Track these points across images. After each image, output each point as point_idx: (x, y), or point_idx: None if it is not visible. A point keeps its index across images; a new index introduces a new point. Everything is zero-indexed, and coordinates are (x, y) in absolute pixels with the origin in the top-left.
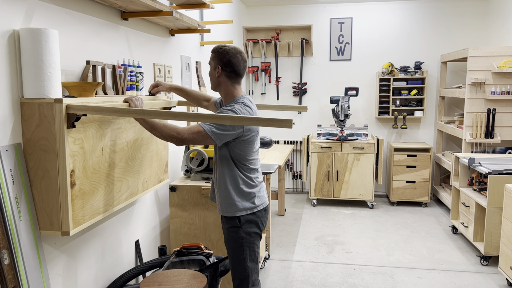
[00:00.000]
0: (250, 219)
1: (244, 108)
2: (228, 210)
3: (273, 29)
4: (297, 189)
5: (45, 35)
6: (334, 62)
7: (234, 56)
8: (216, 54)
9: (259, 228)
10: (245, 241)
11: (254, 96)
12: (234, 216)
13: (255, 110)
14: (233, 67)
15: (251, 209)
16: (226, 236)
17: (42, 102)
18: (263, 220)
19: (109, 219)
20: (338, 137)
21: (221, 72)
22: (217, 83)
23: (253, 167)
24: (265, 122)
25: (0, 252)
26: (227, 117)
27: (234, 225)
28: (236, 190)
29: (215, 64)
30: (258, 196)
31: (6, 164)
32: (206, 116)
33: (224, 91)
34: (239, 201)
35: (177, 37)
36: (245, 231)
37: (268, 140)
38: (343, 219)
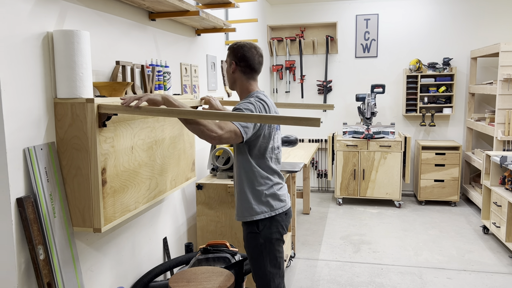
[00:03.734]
0: (270, 224)
1: (260, 101)
2: (245, 215)
3: (298, 27)
4: (322, 188)
5: (77, 37)
6: (359, 59)
7: (248, 51)
8: (230, 50)
9: (280, 233)
10: (264, 248)
11: (278, 94)
12: (252, 221)
13: (270, 105)
14: (248, 61)
15: (269, 212)
16: (245, 242)
17: (74, 102)
18: (284, 224)
19: (138, 216)
20: (364, 135)
21: (235, 68)
22: (233, 80)
23: (272, 166)
24: (293, 121)
25: (36, 248)
26: (255, 115)
27: (252, 230)
28: (253, 192)
29: (230, 60)
30: (278, 199)
31: (41, 163)
32: (234, 114)
33: (240, 88)
34: (256, 204)
35: (203, 37)
36: (265, 237)
37: (293, 139)
38: (370, 218)
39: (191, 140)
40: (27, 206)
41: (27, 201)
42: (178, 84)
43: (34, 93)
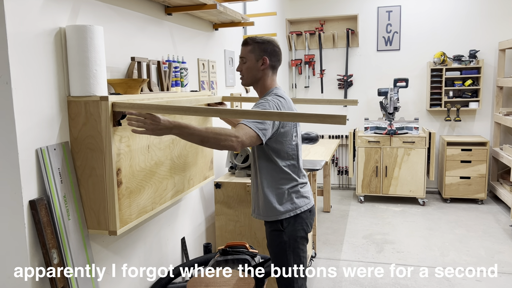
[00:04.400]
0: (294, 221)
1: (277, 97)
2: (269, 214)
3: (317, 20)
4: (343, 185)
5: (91, 32)
6: (381, 53)
7: (276, 46)
8: (257, 45)
9: (304, 231)
10: (288, 246)
11: (297, 89)
12: (276, 220)
13: (288, 101)
14: (278, 56)
15: (293, 210)
16: (268, 240)
17: (88, 100)
18: (308, 222)
19: (155, 217)
20: (387, 131)
21: (268, 63)
22: (259, 76)
23: (293, 164)
24: (317, 119)
25: (50, 252)
26: (276, 113)
27: (276, 228)
28: (276, 191)
29: (258, 55)
30: (302, 196)
31: (55, 163)
32: (253, 112)
33: (263, 84)
34: (279, 203)
35: (220, 31)
36: (289, 235)
37: (314, 136)
38: (393, 217)
39: None
40: (40, 209)
41: (40, 204)
42: (196, 80)
43: (47, 91)
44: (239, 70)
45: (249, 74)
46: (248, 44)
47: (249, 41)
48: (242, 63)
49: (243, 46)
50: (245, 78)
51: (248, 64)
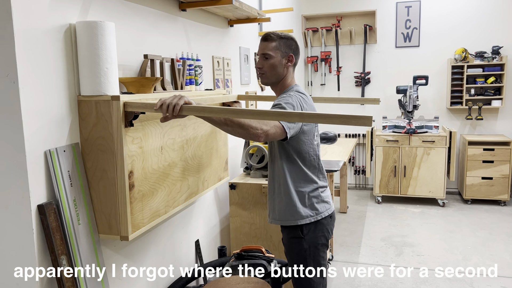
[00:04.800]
0: (315, 228)
1: (299, 94)
2: (289, 218)
3: (334, 16)
4: (360, 185)
5: (101, 28)
6: (400, 49)
7: (297, 42)
8: (282, 41)
9: (325, 238)
10: (308, 254)
11: (313, 87)
12: (295, 225)
13: (310, 99)
14: (299, 54)
15: (315, 216)
16: (287, 248)
17: (99, 100)
18: (329, 228)
19: (168, 220)
20: (406, 130)
21: (294, 61)
22: (282, 74)
23: (314, 165)
24: (340, 120)
25: (59, 258)
26: (296, 114)
27: (296, 235)
28: (299, 194)
29: (284, 51)
30: (322, 201)
31: (64, 166)
32: (272, 113)
33: (284, 82)
34: (301, 207)
35: (235, 28)
36: (309, 242)
37: (332, 135)
38: (412, 218)
39: (224, 138)
40: (49, 214)
41: (48, 208)
42: (210, 78)
43: (56, 91)
44: (260, 67)
45: (272, 72)
46: (272, 39)
47: (274, 36)
48: (264, 59)
49: (265, 41)
50: (268, 76)
51: (273, 61)
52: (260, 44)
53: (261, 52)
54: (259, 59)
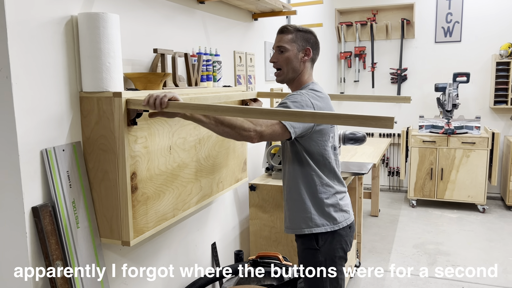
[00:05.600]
0: (332, 239)
1: (313, 92)
2: (302, 227)
3: (369, 10)
4: (394, 187)
5: (103, 20)
6: (440, 45)
7: (316, 37)
8: (299, 34)
9: (343, 251)
10: (324, 267)
11: (346, 84)
12: (310, 234)
13: (327, 98)
14: (318, 49)
15: (331, 225)
16: (300, 259)
17: (100, 96)
18: (348, 239)
19: (181, 222)
20: (444, 130)
21: (311, 55)
22: (299, 69)
23: (330, 169)
24: (357, 121)
25: (53, 264)
26: (308, 113)
27: (310, 246)
28: (314, 200)
29: (301, 45)
30: (341, 210)
31: (62, 166)
32: (280, 112)
33: (300, 79)
34: (315, 214)
35: (260, 22)
36: (326, 254)
37: (360, 135)
38: (448, 224)
39: None
40: (44, 216)
41: (43, 210)
42: (231, 74)
43: (55, 87)
44: (275, 61)
45: (288, 66)
46: (288, 32)
47: (290, 28)
48: (279, 52)
49: (280, 34)
50: (284, 72)
51: (288, 54)
52: (276, 37)
53: (276, 45)
54: (274, 52)
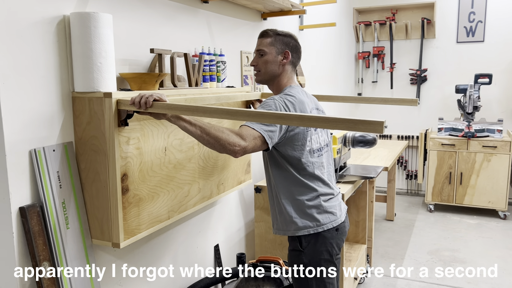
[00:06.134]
0: (315, 241)
1: (285, 98)
2: (286, 228)
3: (388, 9)
4: (411, 191)
5: (94, 20)
6: (462, 45)
7: (297, 41)
8: (279, 37)
9: (329, 253)
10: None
11: (364, 85)
12: (294, 236)
13: (303, 101)
14: (299, 53)
15: (314, 227)
16: (288, 260)
17: (92, 97)
18: (334, 242)
19: (183, 223)
20: (464, 133)
21: (290, 58)
22: (278, 72)
23: (313, 173)
24: (345, 125)
25: (40, 264)
26: (295, 116)
27: (295, 247)
28: (293, 203)
29: (280, 48)
30: (325, 212)
31: (52, 166)
32: (270, 115)
33: (280, 82)
34: (297, 217)
35: (270, 21)
36: (310, 257)
37: (370, 138)
38: (466, 231)
39: None
40: (31, 217)
41: (31, 211)
42: (237, 74)
43: (46, 87)
44: (254, 64)
45: (267, 69)
46: (267, 35)
47: (269, 32)
48: (259, 56)
49: (260, 38)
50: (262, 74)
51: (267, 57)
52: (257, 41)
53: (256, 49)
54: (255, 56)
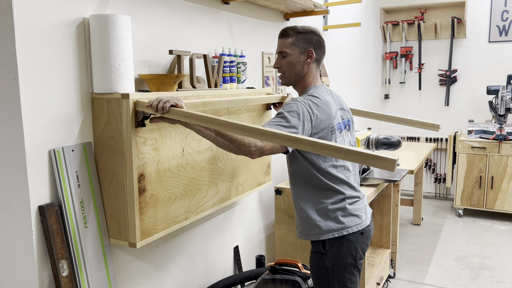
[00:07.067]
0: (339, 245)
1: (310, 99)
2: (309, 233)
3: (417, 8)
4: (440, 195)
5: (113, 22)
6: (494, 44)
7: (321, 36)
8: (300, 36)
9: (353, 257)
10: (331, 273)
11: (391, 86)
12: (317, 240)
13: (326, 103)
14: (323, 48)
15: (339, 230)
16: (310, 263)
17: (110, 98)
18: (359, 246)
19: (201, 224)
20: (495, 136)
21: (314, 56)
22: (303, 72)
23: (338, 176)
24: (357, 157)
25: (58, 263)
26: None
27: (317, 250)
28: (316, 207)
29: (303, 47)
30: (350, 214)
31: (71, 166)
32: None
33: (304, 82)
34: (321, 220)
35: (293, 22)
36: (332, 260)
37: (395, 140)
38: (497, 237)
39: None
40: (50, 215)
41: (49, 209)
42: (259, 75)
43: (65, 88)
44: (278, 67)
45: (291, 71)
46: (288, 35)
47: (289, 31)
48: (281, 57)
49: (281, 38)
50: (287, 76)
51: (290, 58)
52: (278, 42)
53: (278, 51)
54: (277, 58)
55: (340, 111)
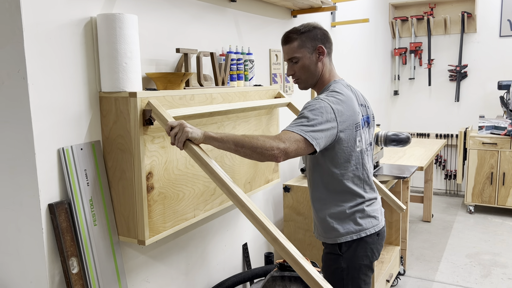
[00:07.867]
0: (356, 246)
1: (332, 95)
2: (326, 235)
3: (426, 3)
4: (450, 191)
5: (119, 21)
6: (505, 39)
7: (322, 28)
8: (304, 35)
9: (369, 259)
10: (346, 274)
11: (400, 82)
12: (334, 243)
13: (350, 98)
14: (329, 39)
15: (356, 232)
16: (323, 264)
17: (118, 96)
18: (375, 247)
19: (210, 221)
20: (507, 132)
21: (325, 51)
22: (319, 71)
23: (357, 175)
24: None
25: (68, 260)
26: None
27: (333, 251)
28: (335, 209)
29: (311, 46)
30: (368, 216)
31: (81, 164)
32: None
33: (323, 79)
34: (339, 223)
35: (300, 19)
36: (348, 261)
37: (404, 137)
38: (508, 233)
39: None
40: (59, 213)
41: (59, 208)
42: (266, 73)
43: (74, 87)
44: (291, 74)
45: (307, 74)
46: (292, 39)
47: (292, 35)
48: (292, 64)
49: (285, 44)
50: (303, 80)
51: (302, 62)
52: (283, 49)
53: (287, 58)
54: (288, 66)
55: (360, 107)
